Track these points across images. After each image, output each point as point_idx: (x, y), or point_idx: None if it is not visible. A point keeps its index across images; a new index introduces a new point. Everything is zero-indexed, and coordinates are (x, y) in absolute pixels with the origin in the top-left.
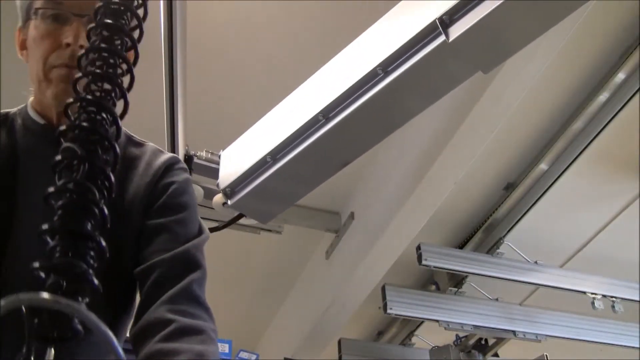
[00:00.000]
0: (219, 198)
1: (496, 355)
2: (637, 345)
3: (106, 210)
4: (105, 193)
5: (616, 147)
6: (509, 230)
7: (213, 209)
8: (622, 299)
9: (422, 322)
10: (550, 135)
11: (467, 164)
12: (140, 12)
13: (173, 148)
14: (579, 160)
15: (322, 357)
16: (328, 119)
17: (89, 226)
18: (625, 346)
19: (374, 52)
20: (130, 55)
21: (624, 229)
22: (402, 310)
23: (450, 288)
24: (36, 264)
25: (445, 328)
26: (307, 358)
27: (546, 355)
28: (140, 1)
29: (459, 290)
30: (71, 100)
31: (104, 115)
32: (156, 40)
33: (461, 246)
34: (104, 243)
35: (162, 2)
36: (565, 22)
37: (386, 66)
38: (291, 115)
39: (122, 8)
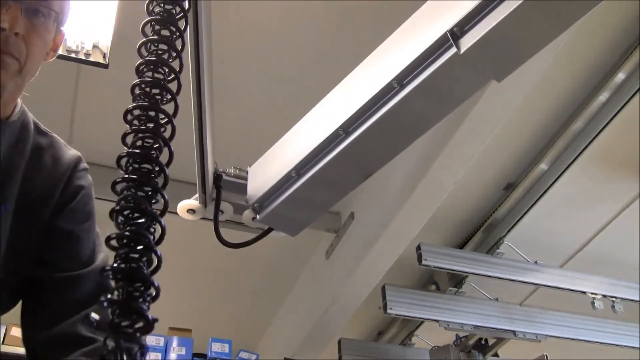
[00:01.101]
0: (248, 213)
1: (496, 355)
2: (637, 345)
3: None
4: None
5: (616, 147)
6: (509, 230)
7: (243, 224)
8: (622, 299)
9: (422, 322)
10: (550, 135)
11: (467, 164)
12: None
13: (203, 166)
14: (579, 160)
15: (322, 357)
16: (348, 133)
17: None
18: (625, 346)
19: (389, 65)
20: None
21: (624, 229)
22: (402, 310)
23: (450, 288)
24: None
25: (445, 328)
26: (307, 358)
27: (546, 355)
28: (174, 54)
29: (459, 290)
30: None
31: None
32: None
33: (461, 246)
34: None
35: (188, 20)
36: None
37: (401, 79)
38: (312, 131)
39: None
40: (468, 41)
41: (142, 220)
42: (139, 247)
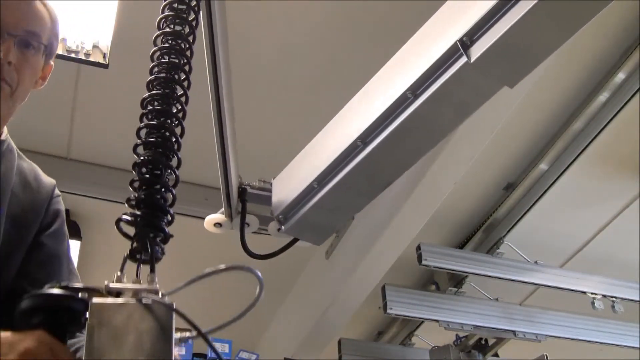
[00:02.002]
0: (273, 224)
1: (496, 355)
2: (637, 345)
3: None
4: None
5: (616, 147)
6: (509, 230)
7: (269, 234)
8: (622, 299)
9: (422, 322)
10: (550, 135)
11: (467, 164)
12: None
13: (227, 181)
14: (579, 160)
15: (322, 357)
16: (366, 144)
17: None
18: (625, 346)
19: (403, 76)
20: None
21: (624, 229)
22: (402, 310)
23: (450, 288)
24: None
25: (445, 328)
26: (307, 358)
27: (546, 355)
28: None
29: (459, 290)
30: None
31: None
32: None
33: (461, 246)
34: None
35: (203, 30)
36: None
37: (415, 90)
38: (332, 142)
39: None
40: (478, 50)
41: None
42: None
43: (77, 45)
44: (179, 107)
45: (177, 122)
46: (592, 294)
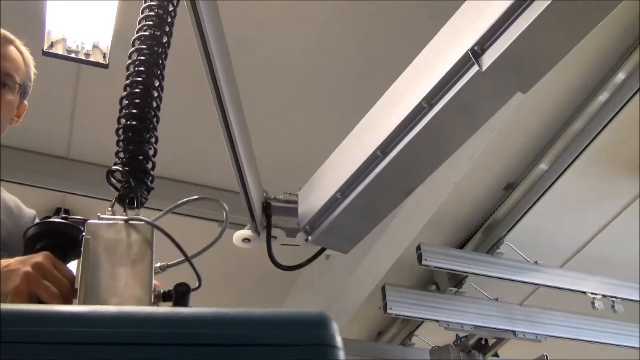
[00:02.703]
0: (301, 235)
1: (496, 355)
2: (637, 345)
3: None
4: None
5: (616, 147)
6: (509, 230)
7: (297, 245)
8: (622, 299)
9: (422, 322)
10: (550, 135)
11: (467, 164)
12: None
13: (247, 199)
14: (579, 160)
15: None
16: (385, 154)
17: None
18: (625, 346)
19: (418, 86)
20: None
21: (624, 229)
22: (402, 310)
23: (450, 288)
24: None
25: (445, 328)
26: None
27: (546, 355)
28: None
29: (459, 290)
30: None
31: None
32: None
33: (461, 246)
34: None
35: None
36: None
37: (430, 99)
38: (353, 153)
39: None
40: (489, 58)
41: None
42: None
43: (77, 45)
44: (157, 84)
45: (157, 100)
46: (592, 294)
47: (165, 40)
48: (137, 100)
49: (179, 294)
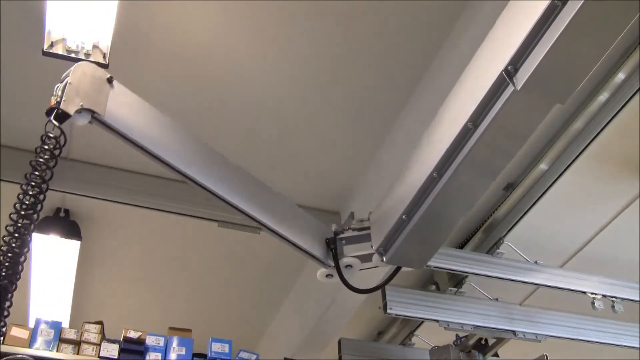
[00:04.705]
0: (376, 257)
1: (496, 355)
2: (637, 345)
3: None
4: None
5: (616, 147)
6: (509, 230)
7: (376, 267)
8: (622, 299)
9: (422, 322)
10: (550, 135)
11: None
12: None
13: (303, 250)
14: (579, 160)
15: (322, 357)
16: (441, 175)
17: None
18: (625, 346)
19: (462, 108)
20: None
21: (624, 229)
22: (402, 310)
23: (450, 288)
24: None
25: (445, 328)
26: (307, 358)
27: (546, 355)
28: None
29: (459, 290)
30: None
31: None
32: None
33: (461, 246)
34: None
35: None
36: None
37: (474, 120)
38: (412, 176)
39: None
40: (523, 76)
41: None
42: None
43: (77, 45)
44: None
45: None
46: (592, 294)
47: None
48: None
49: None
